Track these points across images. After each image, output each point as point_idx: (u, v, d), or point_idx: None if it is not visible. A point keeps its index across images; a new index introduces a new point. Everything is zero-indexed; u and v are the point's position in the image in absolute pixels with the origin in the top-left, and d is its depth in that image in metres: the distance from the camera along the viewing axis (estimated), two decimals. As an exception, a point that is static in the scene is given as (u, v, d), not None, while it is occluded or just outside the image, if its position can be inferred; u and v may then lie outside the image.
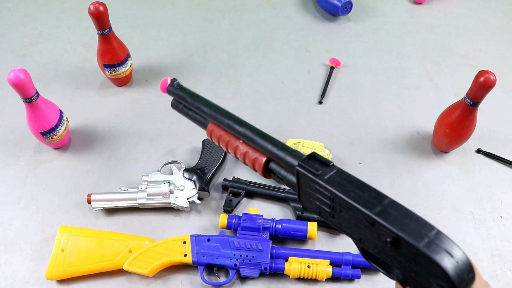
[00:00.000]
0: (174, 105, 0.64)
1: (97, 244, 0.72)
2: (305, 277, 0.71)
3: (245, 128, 0.53)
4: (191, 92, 0.61)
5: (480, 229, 0.80)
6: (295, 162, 0.45)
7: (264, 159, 0.50)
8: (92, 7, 0.86)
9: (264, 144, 0.50)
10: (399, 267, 0.39)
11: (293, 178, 0.46)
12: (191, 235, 0.73)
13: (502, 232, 0.80)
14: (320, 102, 1.01)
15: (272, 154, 0.49)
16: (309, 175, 0.43)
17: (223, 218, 0.76)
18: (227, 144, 0.56)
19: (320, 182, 0.42)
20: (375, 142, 0.93)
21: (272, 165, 0.50)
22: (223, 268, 0.73)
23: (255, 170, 0.53)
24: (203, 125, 0.59)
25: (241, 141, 0.53)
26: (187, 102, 0.60)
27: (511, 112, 1.00)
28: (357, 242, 0.42)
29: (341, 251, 0.73)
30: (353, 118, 0.98)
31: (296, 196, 0.79)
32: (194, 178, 0.81)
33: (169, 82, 0.61)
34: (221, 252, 0.71)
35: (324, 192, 0.42)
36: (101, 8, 0.87)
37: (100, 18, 0.87)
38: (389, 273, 0.42)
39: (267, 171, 0.51)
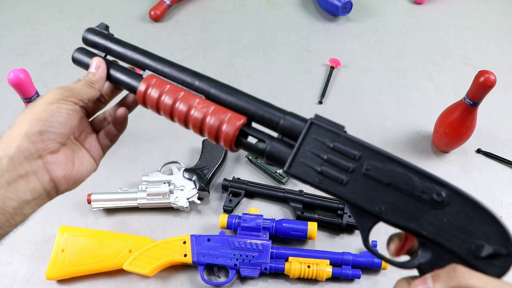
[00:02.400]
0: (77, 59, 0.49)
1: (97, 244, 0.72)
2: (305, 277, 0.71)
3: (210, 80, 0.43)
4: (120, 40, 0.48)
5: (480, 229, 0.80)
6: (305, 118, 0.39)
7: (242, 119, 0.41)
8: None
9: (246, 99, 0.41)
10: (432, 237, 0.35)
11: (278, 145, 0.39)
12: (191, 235, 0.73)
13: (502, 232, 0.80)
14: (320, 102, 1.01)
15: (262, 110, 0.41)
16: (332, 128, 0.38)
17: (223, 218, 0.76)
18: (178, 101, 0.43)
19: (348, 136, 0.38)
20: (375, 142, 0.91)
21: (247, 128, 0.42)
22: (223, 268, 0.73)
23: (216, 136, 0.41)
24: (130, 86, 0.47)
25: (202, 97, 0.43)
26: (109, 50, 0.47)
27: (511, 112, 1.00)
28: (375, 214, 0.37)
29: (341, 251, 0.73)
30: (353, 118, 0.98)
31: (296, 196, 0.79)
32: (194, 178, 0.81)
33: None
34: (221, 252, 0.71)
35: (348, 150, 0.38)
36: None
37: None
38: (408, 262, 0.38)
39: (239, 136, 0.41)
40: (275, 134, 0.42)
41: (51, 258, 0.71)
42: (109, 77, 0.48)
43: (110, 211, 0.81)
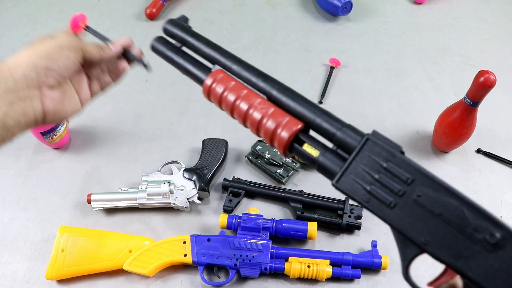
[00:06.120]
0: (156, 47, 0.53)
1: (97, 244, 0.72)
2: (305, 277, 0.71)
3: (274, 82, 0.42)
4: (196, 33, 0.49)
5: (480, 229, 0.80)
6: (362, 132, 0.39)
7: (299, 125, 0.40)
8: None
9: (306, 105, 0.41)
10: (478, 280, 0.33)
11: (331, 156, 0.39)
12: (191, 235, 0.73)
13: (502, 232, 0.80)
14: (320, 102, 1.01)
15: (320, 118, 0.40)
16: (388, 147, 0.36)
17: (223, 218, 0.76)
18: (240, 99, 0.43)
19: (404, 157, 0.36)
20: (375, 142, 0.93)
21: (303, 135, 0.41)
22: (223, 268, 0.73)
23: (271, 138, 0.41)
24: (198, 78, 0.49)
25: (263, 97, 0.43)
26: (185, 42, 0.50)
27: (511, 112, 1.00)
28: (419, 245, 0.35)
29: (341, 251, 0.73)
30: (353, 118, 0.98)
31: (296, 196, 0.79)
32: (194, 178, 0.81)
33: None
34: (221, 252, 0.71)
35: (401, 172, 0.36)
36: None
37: None
38: None
39: (293, 141, 0.41)
40: (330, 145, 0.41)
41: (51, 258, 0.71)
42: (179, 66, 0.51)
43: (110, 211, 0.81)
